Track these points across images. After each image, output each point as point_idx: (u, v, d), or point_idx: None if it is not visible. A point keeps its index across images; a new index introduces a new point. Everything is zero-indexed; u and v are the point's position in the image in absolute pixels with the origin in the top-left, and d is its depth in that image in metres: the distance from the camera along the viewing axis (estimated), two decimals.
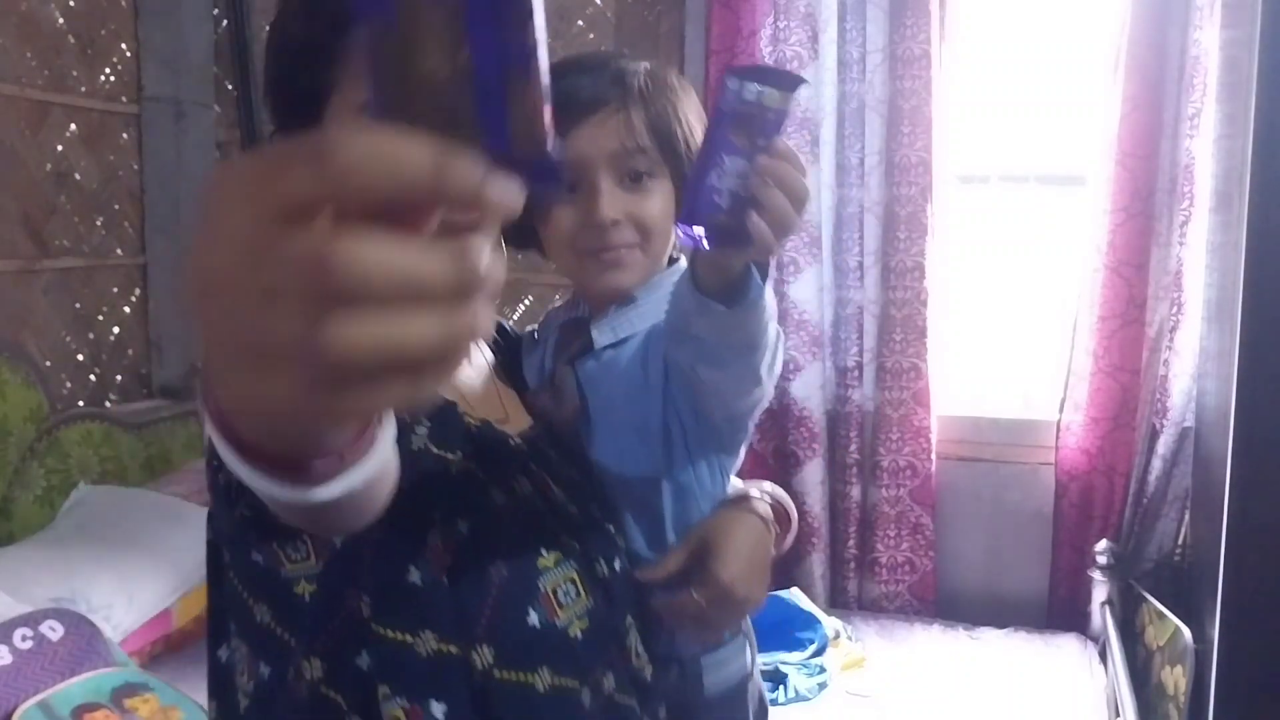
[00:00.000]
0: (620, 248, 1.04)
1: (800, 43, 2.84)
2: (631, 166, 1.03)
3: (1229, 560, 1.95)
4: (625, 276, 1.05)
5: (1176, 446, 2.71)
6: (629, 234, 1.04)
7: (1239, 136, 2.00)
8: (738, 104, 0.82)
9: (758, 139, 0.82)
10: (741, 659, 1.18)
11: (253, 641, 0.93)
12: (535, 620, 0.93)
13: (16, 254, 2.98)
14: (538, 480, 0.99)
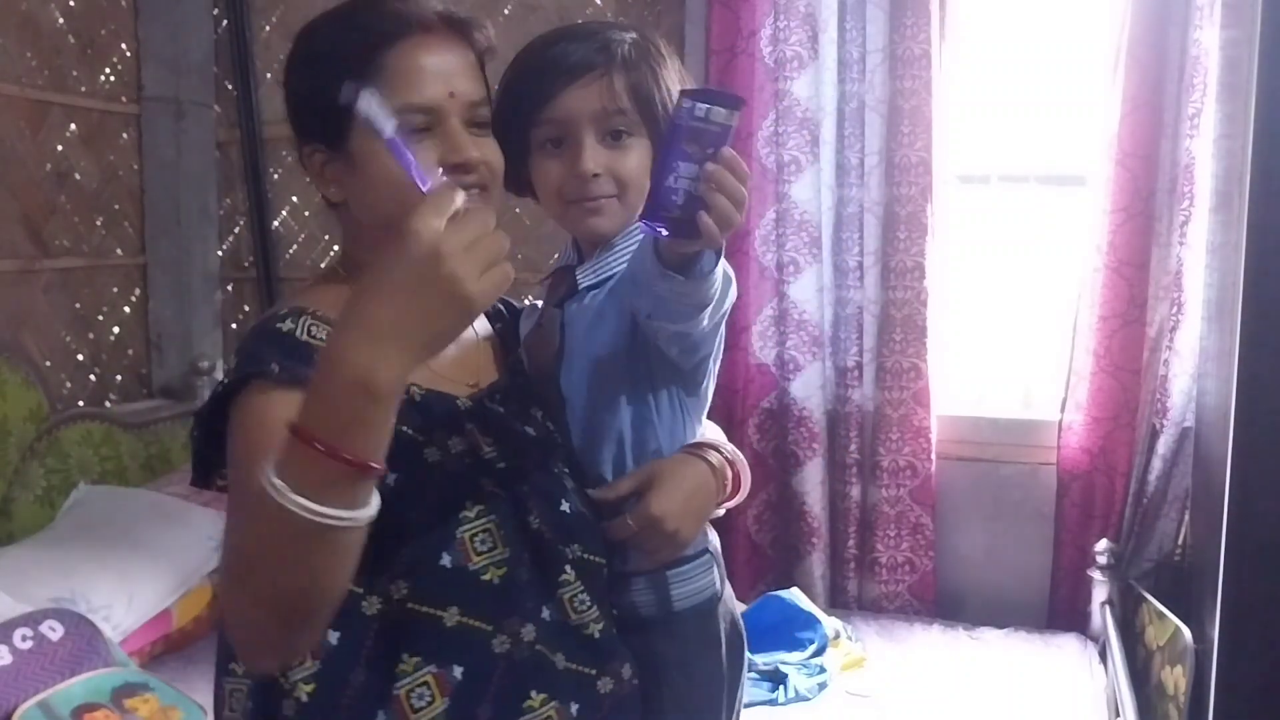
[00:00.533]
0: (600, 197, 1.19)
1: (800, 43, 2.84)
2: (612, 125, 1.18)
3: (1229, 560, 1.95)
4: (604, 222, 1.21)
5: (1176, 446, 2.71)
6: (608, 185, 1.19)
7: (1239, 136, 2.00)
8: (690, 120, 0.98)
9: (707, 149, 0.98)
10: (708, 577, 1.27)
11: None
12: (448, 562, 1.06)
13: (16, 254, 2.98)
14: (471, 440, 1.09)
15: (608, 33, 1.21)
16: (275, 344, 1.03)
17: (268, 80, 3.46)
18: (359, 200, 1.12)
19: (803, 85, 2.84)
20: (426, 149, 1.07)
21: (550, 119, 1.19)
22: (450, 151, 1.08)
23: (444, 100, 1.08)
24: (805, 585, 2.85)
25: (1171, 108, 2.66)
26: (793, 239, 2.88)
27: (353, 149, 1.09)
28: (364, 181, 1.09)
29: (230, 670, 1.08)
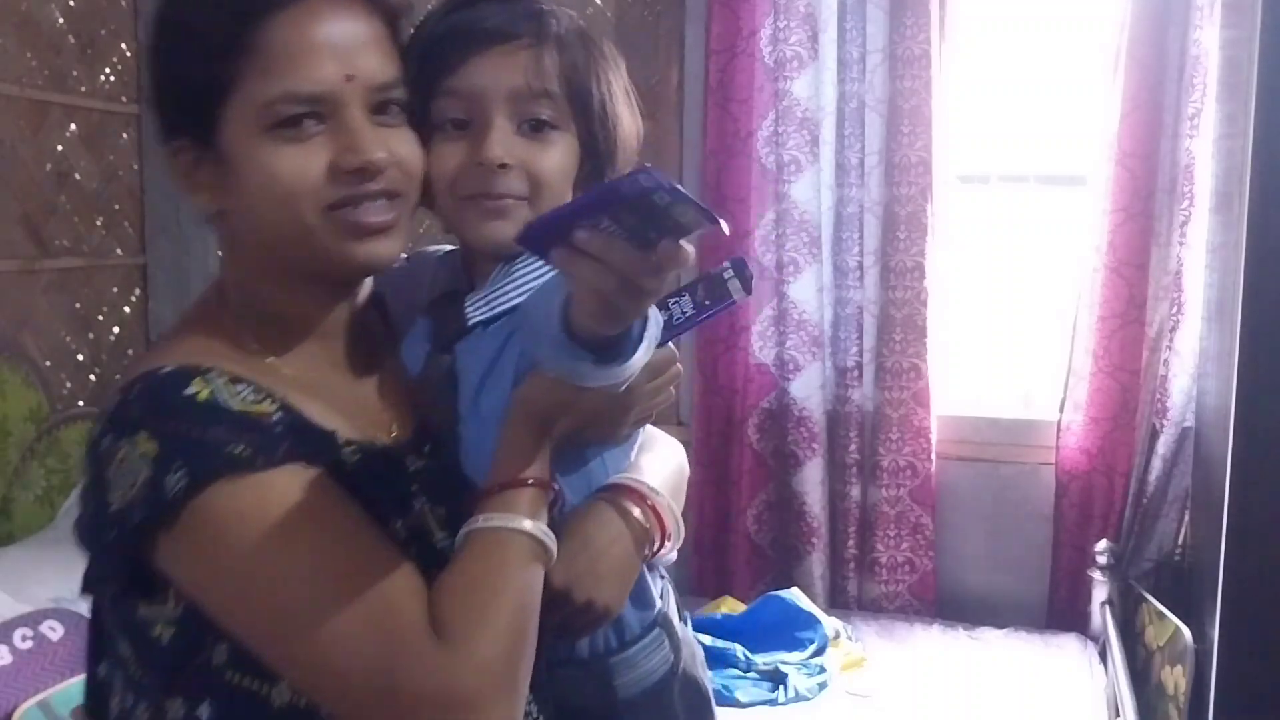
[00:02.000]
0: (506, 197, 0.94)
1: (800, 43, 2.84)
2: (533, 112, 0.95)
3: (1229, 560, 1.95)
4: (507, 228, 0.93)
5: (1176, 446, 2.71)
6: (517, 183, 0.94)
7: (1239, 136, 2.00)
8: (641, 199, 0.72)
9: (649, 232, 0.74)
10: (660, 654, 1.05)
11: (121, 672, 0.91)
12: None
13: (16, 254, 2.98)
14: (421, 522, 0.92)
15: (541, 4, 0.98)
16: (208, 421, 0.83)
17: None
18: (239, 210, 0.90)
19: (803, 85, 2.84)
20: (317, 149, 0.87)
21: (455, 91, 0.94)
22: (347, 152, 0.88)
23: (339, 86, 0.87)
24: (805, 585, 2.85)
25: (1171, 108, 2.66)
26: (793, 239, 2.88)
27: (225, 146, 0.88)
28: (242, 187, 0.88)
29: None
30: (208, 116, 0.87)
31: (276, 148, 0.87)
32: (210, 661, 0.86)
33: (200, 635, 0.85)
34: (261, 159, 0.87)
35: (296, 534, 0.81)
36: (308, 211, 0.87)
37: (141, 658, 0.88)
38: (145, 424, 0.83)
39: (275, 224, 0.88)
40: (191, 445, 0.82)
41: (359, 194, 0.89)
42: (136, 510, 0.81)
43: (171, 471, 0.81)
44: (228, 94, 0.86)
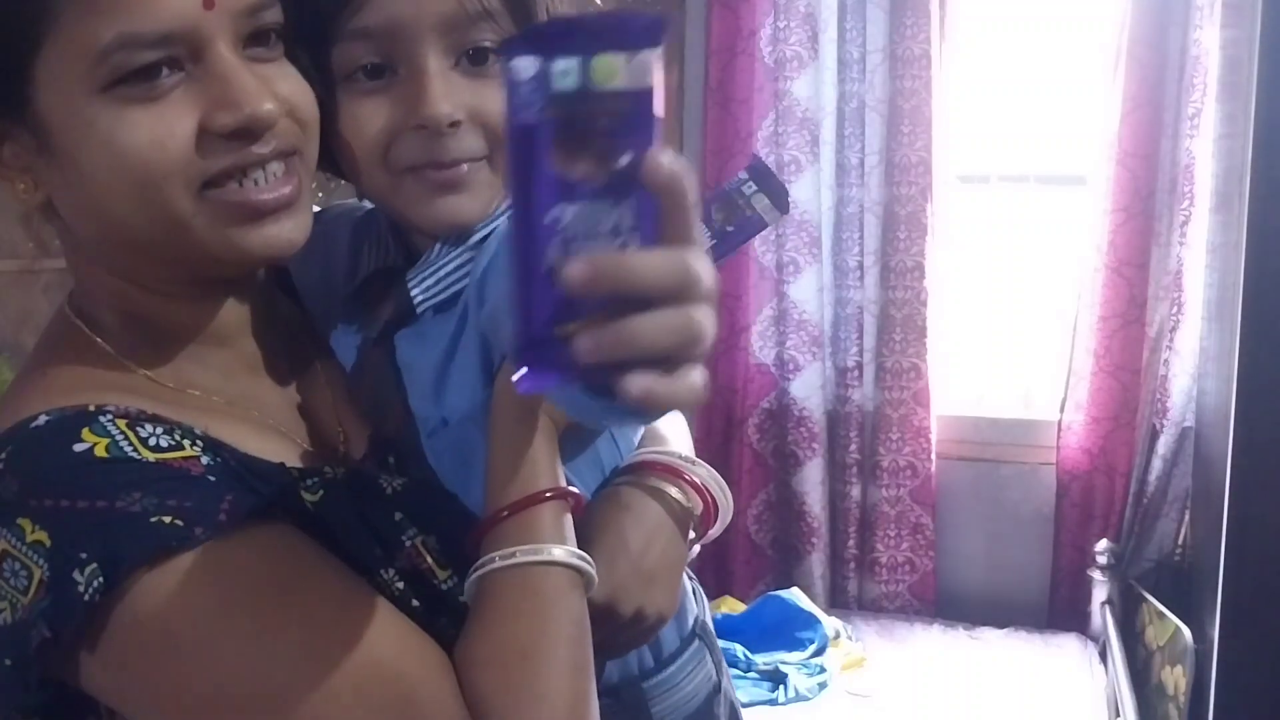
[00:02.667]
0: (462, 160, 0.73)
1: (800, 43, 2.83)
2: (473, 38, 0.72)
3: (1229, 560, 1.95)
4: (468, 204, 0.74)
5: (1176, 446, 2.70)
6: (472, 140, 0.73)
7: (1239, 136, 2.00)
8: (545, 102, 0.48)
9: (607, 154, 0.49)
10: (702, 672, 0.89)
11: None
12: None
13: (16, 254, 2.97)
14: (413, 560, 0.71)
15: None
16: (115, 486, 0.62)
17: None
18: (71, 200, 0.69)
19: (803, 85, 2.84)
20: (177, 107, 0.64)
21: (368, 28, 0.71)
22: (222, 107, 0.65)
23: (197, 15, 0.63)
24: (805, 585, 2.85)
25: (1171, 108, 2.66)
26: (793, 239, 2.88)
27: (43, 114, 0.65)
28: (74, 170, 0.66)
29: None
30: (13, 76, 0.63)
31: (120, 112, 0.63)
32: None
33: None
34: (100, 129, 0.63)
35: (266, 622, 0.62)
36: (176, 195, 0.65)
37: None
38: (26, 505, 0.61)
39: (128, 215, 0.66)
40: (97, 525, 0.60)
41: (244, 161, 0.66)
42: (36, 627, 0.60)
43: (76, 567, 0.59)
44: (40, 42, 0.62)
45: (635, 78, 0.46)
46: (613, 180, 0.47)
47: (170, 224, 0.65)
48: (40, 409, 0.64)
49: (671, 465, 0.84)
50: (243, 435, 0.69)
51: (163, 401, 0.68)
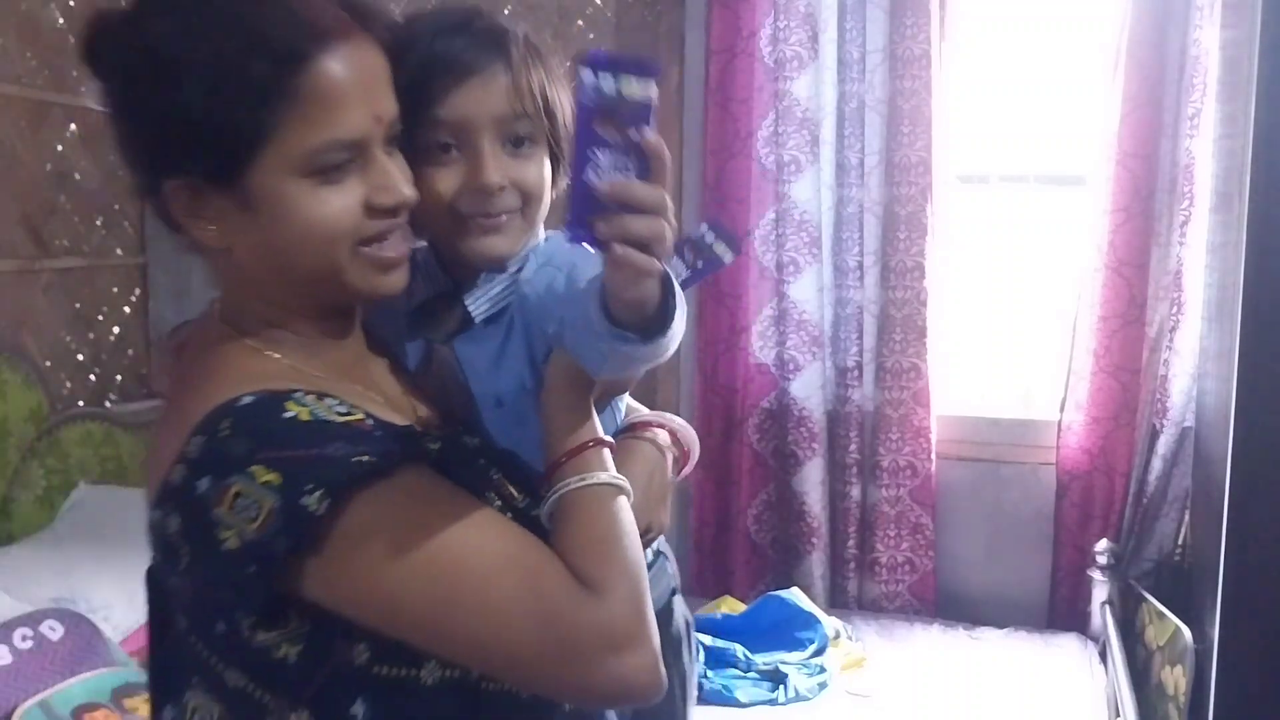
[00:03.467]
0: (503, 213, 1.04)
1: (800, 43, 2.84)
2: (515, 131, 1.03)
3: (1229, 560, 1.95)
4: (505, 242, 1.05)
5: (1176, 446, 2.71)
6: (512, 199, 1.04)
7: (1239, 136, 2.00)
8: (597, 97, 0.80)
9: (628, 130, 0.81)
10: (664, 580, 1.23)
11: (229, 703, 0.91)
12: None
13: (16, 254, 2.97)
14: (501, 490, 0.97)
15: (491, 22, 1.06)
16: (320, 437, 0.84)
17: None
18: (258, 247, 0.91)
19: (803, 85, 2.84)
20: (352, 190, 0.90)
21: (443, 121, 1.01)
22: (382, 192, 0.91)
23: (371, 128, 0.90)
24: (805, 585, 2.85)
25: (1171, 108, 2.66)
26: (793, 239, 2.88)
27: (254, 188, 0.87)
28: (277, 230, 0.89)
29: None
30: (239, 159, 0.86)
31: (315, 191, 0.88)
32: (352, 663, 0.88)
33: (329, 644, 0.87)
34: (299, 202, 0.88)
35: (440, 525, 0.85)
36: (342, 251, 0.90)
37: (263, 681, 0.89)
38: (257, 457, 0.82)
39: (306, 262, 0.90)
40: (317, 464, 0.82)
41: (389, 229, 0.92)
42: (278, 540, 0.81)
43: (306, 494, 0.81)
44: (266, 141, 0.85)
45: (643, 91, 0.81)
46: (627, 143, 0.82)
47: (332, 269, 0.91)
48: (238, 392, 0.87)
49: (657, 422, 1.18)
50: (373, 409, 0.92)
51: (324, 386, 0.91)
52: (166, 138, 0.88)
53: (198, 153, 0.87)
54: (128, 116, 0.92)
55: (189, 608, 0.91)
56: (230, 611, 0.86)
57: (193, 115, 0.85)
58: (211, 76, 0.84)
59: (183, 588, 0.89)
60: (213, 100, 0.84)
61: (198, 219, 0.91)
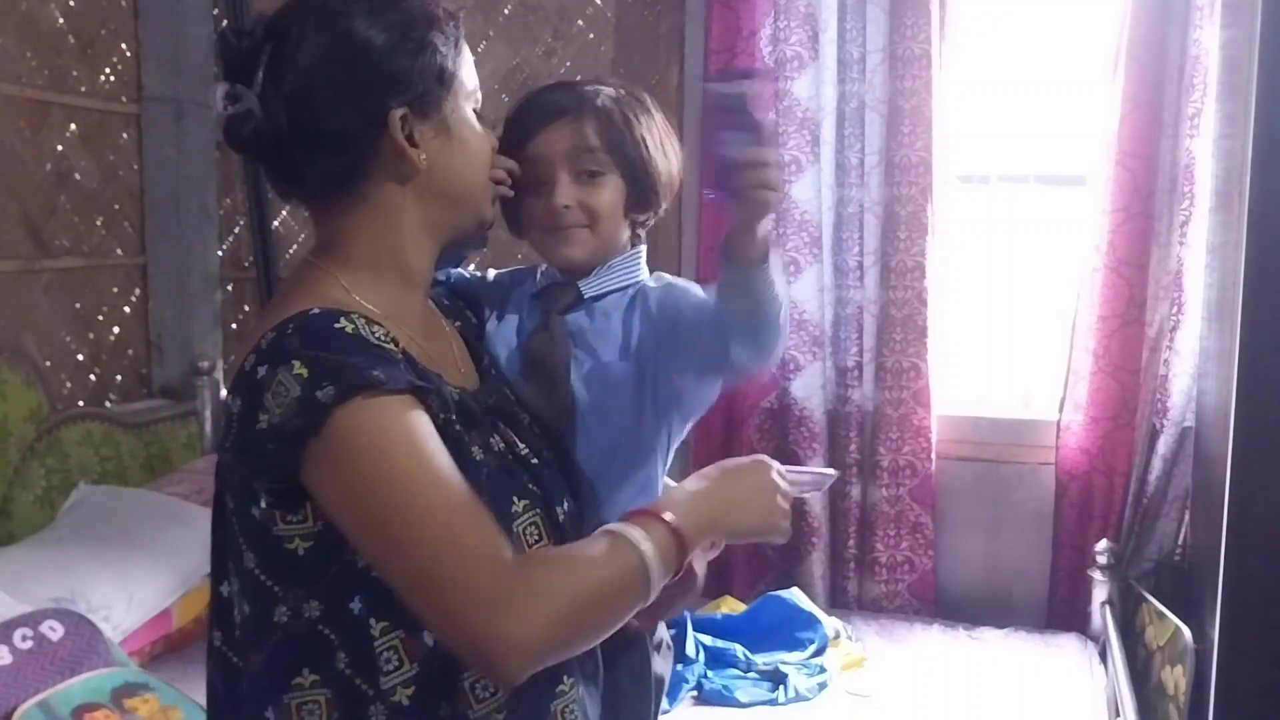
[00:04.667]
0: (571, 227, 1.29)
1: (800, 43, 2.84)
2: (584, 164, 1.28)
3: (1229, 560, 1.95)
4: (574, 250, 1.30)
5: (1176, 446, 2.71)
6: (578, 216, 1.29)
7: (1239, 136, 2.00)
8: (720, 98, 1.14)
9: (743, 117, 1.12)
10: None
11: (243, 582, 1.05)
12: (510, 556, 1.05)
13: (16, 254, 2.98)
14: (507, 438, 1.14)
15: (588, 86, 1.34)
16: (353, 350, 1.00)
17: None
18: (446, 168, 1.13)
19: (803, 85, 2.84)
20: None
21: (529, 157, 1.28)
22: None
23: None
24: (805, 585, 2.85)
25: (1171, 108, 2.66)
26: (793, 239, 2.88)
27: (450, 116, 1.13)
28: (459, 151, 1.14)
29: (294, 685, 1.03)
30: (442, 96, 1.11)
31: (475, 119, 1.16)
32: (355, 564, 1.01)
33: (336, 546, 1.00)
34: (475, 126, 1.15)
35: (409, 451, 0.98)
36: (486, 178, 1.18)
37: (273, 569, 1.03)
38: (299, 354, 0.98)
39: (475, 181, 1.16)
40: (337, 368, 0.97)
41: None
42: (293, 421, 0.96)
43: (321, 388, 0.96)
44: (453, 81, 1.11)
45: (750, 89, 1.13)
46: (743, 124, 1.12)
47: (484, 189, 1.18)
48: (313, 306, 1.04)
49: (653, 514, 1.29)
50: (413, 350, 1.07)
51: (374, 318, 1.06)
52: (391, 71, 1.08)
53: (417, 84, 1.09)
54: (341, 61, 1.07)
55: (235, 489, 1.04)
56: (259, 493, 1.00)
57: (406, 54, 1.08)
58: (420, 23, 1.10)
59: (232, 466, 1.03)
60: (428, 40, 1.10)
61: (411, 143, 1.10)
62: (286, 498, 1.00)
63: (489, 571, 0.95)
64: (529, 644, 0.94)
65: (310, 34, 1.07)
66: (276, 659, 1.04)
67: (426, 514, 0.96)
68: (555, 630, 0.95)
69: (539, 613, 0.94)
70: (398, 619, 1.01)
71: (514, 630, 0.93)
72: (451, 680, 1.03)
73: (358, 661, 1.01)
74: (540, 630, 0.94)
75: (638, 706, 1.36)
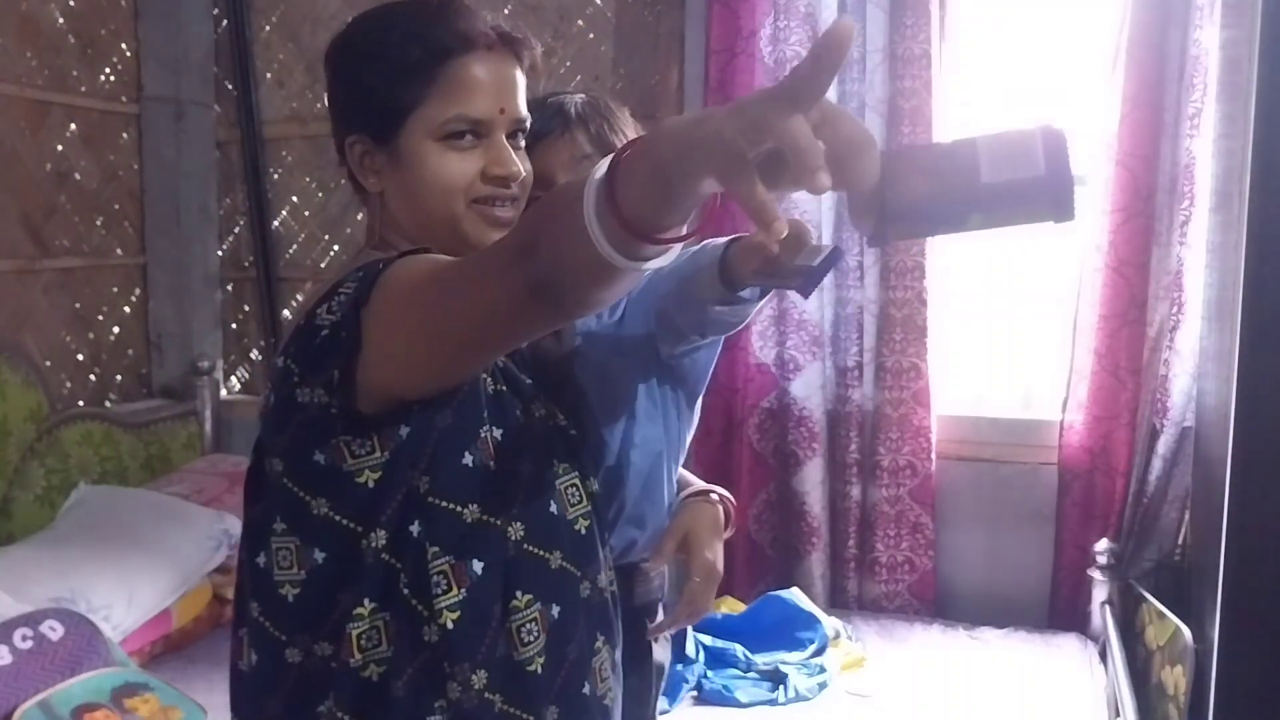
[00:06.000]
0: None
1: (800, 43, 2.84)
2: (584, 170, 1.29)
3: (1229, 560, 1.95)
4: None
5: (1176, 446, 2.71)
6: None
7: (1239, 136, 2.00)
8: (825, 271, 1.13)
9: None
10: (660, 580, 1.57)
11: (307, 534, 1.09)
12: (554, 509, 1.16)
13: (16, 254, 2.98)
14: (549, 408, 1.19)
15: (560, 99, 1.42)
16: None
17: (268, 80, 3.46)
18: (401, 192, 1.17)
19: None
20: (472, 158, 1.16)
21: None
22: (496, 164, 1.16)
23: (495, 115, 1.16)
24: (805, 585, 2.85)
25: (1171, 108, 2.66)
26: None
27: (402, 146, 1.15)
28: (412, 179, 1.16)
29: (355, 615, 1.08)
30: (393, 123, 1.14)
31: (444, 153, 1.14)
32: (418, 490, 1.08)
33: (402, 474, 1.07)
34: (432, 159, 1.14)
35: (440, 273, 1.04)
36: (459, 202, 1.15)
37: (342, 507, 1.08)
38: (352, 278, 1.07)
39: (431, 207, 1.15)
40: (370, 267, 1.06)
41: (498, 195, 1.16)
42: (351, 300, 1.03)
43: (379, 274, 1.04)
44: (414, 110, 1.13)
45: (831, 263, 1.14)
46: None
47: (451, 217, 1.15)
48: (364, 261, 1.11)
49: (712, 488, 1.53)
50: None
51: None
52: (350, 105, 1.18)
53: (369, 116, 1.15)
54: (330, 92, 1.20)
55: (288, 449, 1.09)
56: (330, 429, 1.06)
57: (367, 87, 1.15)
58: (380, 60, 1.14)
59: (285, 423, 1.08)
60: (379, 78, 1.14)
61: (365, 170, 1.18)
62: (356, 429, 1.06)
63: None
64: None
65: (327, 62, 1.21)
66: (354, 593, 1.08)
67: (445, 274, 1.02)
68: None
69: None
70: (447, 545, 1.08)
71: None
72: (499, 617, 1.10)
73: (415, 583, 1.07)
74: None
75: (639, 689, 1.45)
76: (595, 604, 1.19)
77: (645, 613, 1.55)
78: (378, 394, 1.05)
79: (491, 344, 1.02)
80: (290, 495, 1.10)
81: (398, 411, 1.06)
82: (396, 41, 1.14)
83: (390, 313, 1.02)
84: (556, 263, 0.88)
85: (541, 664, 1.12)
